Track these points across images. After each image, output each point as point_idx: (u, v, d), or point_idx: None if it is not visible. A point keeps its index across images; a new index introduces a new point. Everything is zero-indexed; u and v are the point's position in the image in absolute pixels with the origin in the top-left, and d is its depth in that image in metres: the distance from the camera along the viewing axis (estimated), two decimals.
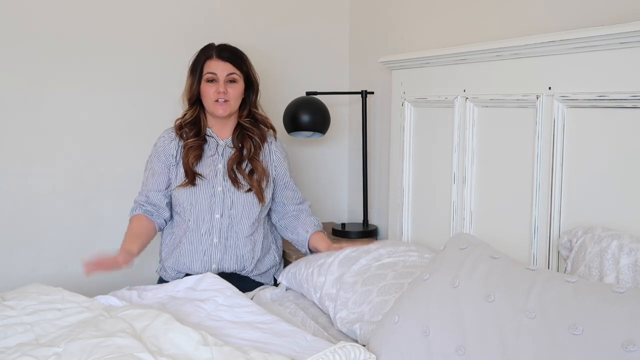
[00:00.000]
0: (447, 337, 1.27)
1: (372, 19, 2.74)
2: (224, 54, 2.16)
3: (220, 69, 2.14)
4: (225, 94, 2.13)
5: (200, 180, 2.15)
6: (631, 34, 1.37)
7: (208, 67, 2.15)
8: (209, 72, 2.14)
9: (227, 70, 2.14)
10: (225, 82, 2.14)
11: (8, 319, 1.66)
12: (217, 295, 1.85)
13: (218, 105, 2.14)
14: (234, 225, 2.17)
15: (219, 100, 2.14)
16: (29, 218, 2.54)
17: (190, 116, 2.19)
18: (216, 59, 2.15)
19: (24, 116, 2.50)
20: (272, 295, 2.07)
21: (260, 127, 2.24)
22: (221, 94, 2.13)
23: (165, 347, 1.47)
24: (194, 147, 2.15)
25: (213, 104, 2.15)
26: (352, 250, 1.97)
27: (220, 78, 2.14)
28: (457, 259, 1.40)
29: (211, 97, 2.14)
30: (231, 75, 2.15)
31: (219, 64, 2.14)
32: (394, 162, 2.40)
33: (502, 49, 1.76)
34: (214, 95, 2.13)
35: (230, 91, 2.14)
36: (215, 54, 2.15)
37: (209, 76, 2.14)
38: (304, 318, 1.86)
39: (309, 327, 1.80)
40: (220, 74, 2.14)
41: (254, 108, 2.24)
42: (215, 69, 2.14)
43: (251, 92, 2.23)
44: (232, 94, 2.15)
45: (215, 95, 2.13)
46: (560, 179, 1.62)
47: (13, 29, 2.45)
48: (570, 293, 1.15)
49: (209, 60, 2.15)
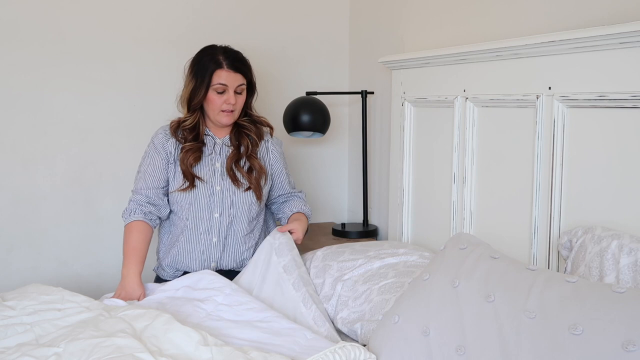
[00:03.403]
0: (447, 337, 1.27)
1: (372, 19, 2.74)
2: (235, 64, 2.12)
3: (232, 80, 2.10)
4: (234, 105, 2.12)
5: (200, 182, 2.14)
6: (631, 34, 1.37)
7: (219, 78, 2.10)
8: (219, 83, 2.09)
9: (238, 82, 2.12)
10: (234, 92, 2.12)
11: (8, 319, 1.66)
12: (217, 294, 1.85)
13: (224, 115, 2.13)
14: (233, 224, 2.16)
15: (226, 111, 2.12)
16: (29, 218, 2.54)
17: (191, 123, 2.15)
18: (227, 70, 2.10)
19: (23, 116, 2.50)
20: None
21: (257, 125, 2.25)
22: (230, 105, 2.11)
23: (165, 347, 1.47)
24: (193, 149, 2.13)
25: (219, 113, 2.12)
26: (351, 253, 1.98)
27: (230, 89, 2.11)
28: (457, 259, 1.40)
29: (218, 107, 2.11)
30: (240, 87, 2.13)
31: (230, 75, 2.10)
32: (394, 162, 2.40)
33: (502, 49, 1.76)
34: (223, 106, 2.11)
35: (238, 102, 2.13)
36: (226, 65, 2.10)
37: (220, 87, 2.10)
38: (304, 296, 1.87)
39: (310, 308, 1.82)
40: (232, 85, 2.11)
41: (249, 109, 2.24)
42: (227, 80, 2.10)
43: (250, 95, 2.23)
44: (239, 104, 2.14)
45: (224, 106, 2.11)
46: (560, 179, 1.62)
47: (13, 30, 2.45)
48: (570, 293, 1.15)
49: (220, 70, 2.10)
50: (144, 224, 2.10)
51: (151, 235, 2.14)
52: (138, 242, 2.07)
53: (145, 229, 2.10)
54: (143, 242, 2.09)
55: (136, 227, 2.09)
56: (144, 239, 2.09)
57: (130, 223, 2.10)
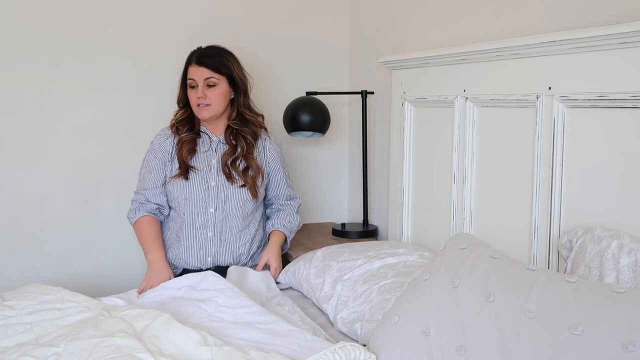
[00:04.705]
0: (447, 337, 1.27)
1: (372, 19, 2.74)
2: (201, 59, 2.20)
3: (199, 75, 2.19)
4: (205, 98, 2.18)
5: (194, 175, 2.19)
6: (631, 34, 1.37)
7: (189, 73, 2.21)
8: (189, 78, 2.21)
9: (204, 75, 2.19)
10: (203, 86, 2.18)
11: (8, 319, 1.66)
12: (218, 296, 1.85)
13: (200, 109, 2.21)
14: (227, 220, 2.21)
15: (200, 105, 2.19)
16: (29, 218, 2.54)
17: (182, 115, 2.26)
18: (195, 65, 2.20)
19: (23, 116, 2.50)
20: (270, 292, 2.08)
21: (250, 125, 2.27)
22: (200, 99, 2.18)
23: (165, 347, 1.47)
24: (188, 140, 2.22)
25: (196, 108, 2.21)
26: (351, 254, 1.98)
27: (199, 83, 2.19)
28: (457, 259, 1.40)
29: (194, 102, 2.21)
30: (209, 80, 2.19)
31: (197, 70, 2.19)
32: (394, 162, 2.40)
33: (502, 49, 1.76)
34: (196, 100, 2.20)
35: (210, 95, 2.19)
36: (194, 60, 2.21)
37: (190, 82, 2.21)
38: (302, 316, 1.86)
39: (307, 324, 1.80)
40: (199, 79, 2.19)
41: (243, 109, 2.25)
42: (194, 74, 2.19)
43: (238, 94, 2.24)
44: (211, 97, 2.19)
45: (197, 100, 2.19)
46: (560, 179, 1.62)
47: (12, 30, 2.45)
48: (570, 293, 1.15)
49: (190, 66, 2.21)
50: (152, 218, 2.23)
51: (160, 227, 2.25)
52: (153, 232, 2.20)
53: (153, 221, 2.23)
54: (157, 231, 2.22)
55: (145, 221, 2.21)
56: (156, 228, 2.22)
57: (139, 220, 2.22)
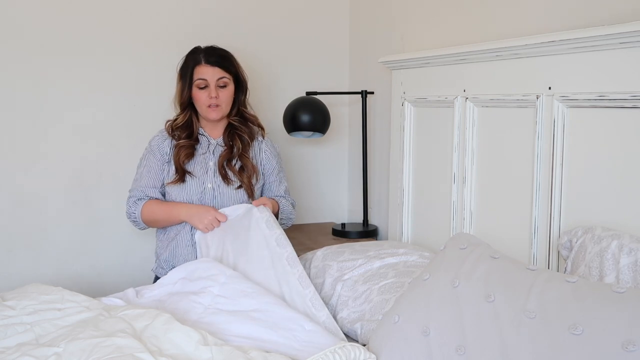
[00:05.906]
0: (447, 337, 1.27)
1: (372, 19, 2.74)
2: (212, 59, 2.18)
3: (210, 75, 2.17)
4: (217, 99, 2.17)
5: (191, 177, 2.18)
6: (631, 34, 1.37)
7: (198, 73, 2.17)
8: (199, 79, 2.17)
9: (217, 75, 2.17)
10: (216, 87, 2.17)
11: (8, 319, 1.66)
12: (212, 285, 1.84)
13: (211, 110, 2.18)
14: None
15: (212, 105, 2.17)
16: (29, 218, 2.54)
17: (182, 120, 2.22)
18: (205, 65, 2.17)
19: (23, 116, 2.50)
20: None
21: (250, 125, 2.27)
22: (213, 99, 2.16)
23: (165, 347, 1.47)
24: (186, 146, 2.20)
25: (206, 109, 2.18)
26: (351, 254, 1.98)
27: (211, 83, 2.16)
28: (457, 259, 1.40)
29: (204, 102, 2.17)
30: (222, 80, 2.18)
31: (209, 70, 2.17)
32: (394, 162, 2.40)
33: (502, 49, 1.76)
34: (207, 101, 2.17)
35: (222, 95, 2.18)
36: (203, 60, 2.18)
37: (200, 82, 2.17)
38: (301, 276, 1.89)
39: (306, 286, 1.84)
40: (211, 79, 2.16)
41: (243, 107, 2.26)
42: (205, 74, 2.17)
43: (240, 92, 2.24)
44: (223, 98, 2.18)
45: (208, 101, 2.17)
46: (560, 179, 1.62)
47: (12, 30, 2.45)
48: (570, 293, 1.15)
49: (198, 66, 2.18)
50: (154, 199, 2.19)
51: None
52: (164, 202, 2.18)
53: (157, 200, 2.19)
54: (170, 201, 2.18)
55: (152, 202, 2.18)
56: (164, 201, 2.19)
57: (144, 205, 2.18)
